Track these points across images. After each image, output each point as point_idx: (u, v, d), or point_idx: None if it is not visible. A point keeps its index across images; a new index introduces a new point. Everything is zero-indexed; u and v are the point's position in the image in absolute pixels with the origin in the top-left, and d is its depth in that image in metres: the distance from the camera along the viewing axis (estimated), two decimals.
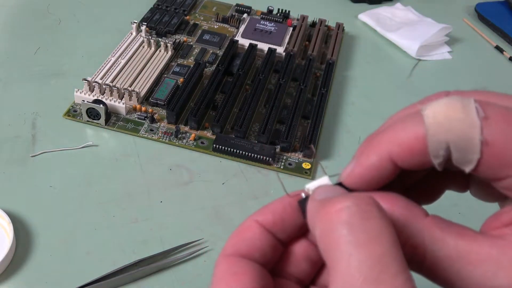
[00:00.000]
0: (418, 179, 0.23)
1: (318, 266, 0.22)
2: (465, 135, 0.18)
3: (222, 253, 0.21)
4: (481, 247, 0.19)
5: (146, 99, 0.56)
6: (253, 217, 0.22)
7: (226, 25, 0.69)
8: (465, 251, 0.19)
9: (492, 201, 0.22)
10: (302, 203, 0.21)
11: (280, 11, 0.71)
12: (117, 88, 0.53)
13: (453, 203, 0.49)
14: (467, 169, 0.19)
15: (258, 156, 0.50)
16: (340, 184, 0.21)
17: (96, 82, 0.54)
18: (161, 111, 0.55)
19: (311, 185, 0.21)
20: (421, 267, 0.19)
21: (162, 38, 0.63)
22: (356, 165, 0.21)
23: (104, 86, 0.54)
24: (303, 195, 0.21)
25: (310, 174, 0.50)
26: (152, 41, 0.61)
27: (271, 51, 0.62)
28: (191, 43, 0.65)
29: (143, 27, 0.62)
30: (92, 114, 0.52)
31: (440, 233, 0.19)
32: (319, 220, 0.19)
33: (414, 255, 0.19)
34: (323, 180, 0.21)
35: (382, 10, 0.76)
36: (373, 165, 0.20)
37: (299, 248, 0.22)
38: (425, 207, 0.22)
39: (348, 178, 0.21)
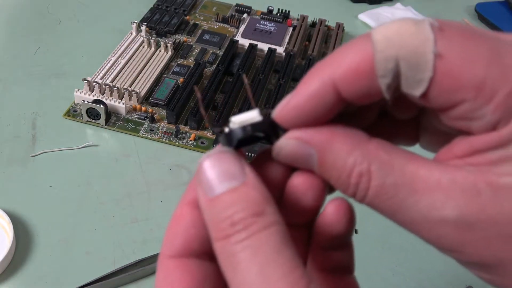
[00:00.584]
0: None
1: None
2: (417, 48, 0.17)
3: (160, 256, 0.19)
4: (431, 173, 0.17)
5: (146, 99, 0.56)
6: (183, 201, 0.20)
7: (226, 25, 0.69)
8: (413, 177, 0.17)
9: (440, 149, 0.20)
10: (224, 137, 0.19)
11: (280, 11, 0.71)
12: (117, 88, 0.53)
13: None
14: (418, 92, 0.17)
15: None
16: (271, 121, 0.19)
17: (96, 82, 0.54)
18: (161, 111, 0.55)
19: (237, 119, 0.19)
20: (365, 197, 0.18)
21: (162, 38, 0.63)
22: (293, 96, 0.19)
23: (104, 86, 0.54)
24: (226, 129, 0.19)
25: None
26: (152, 41, 0.61)
27: (271, 51, 0.62)
28: (191, 43, 0.65)
29: (143, 27, 0.62)
30: (92, 114, 0.52)
31: (386, 156, 0.18)
32: (209, 226, 0.18)
33: (359, 184, 0.18)
34: (251, 114, 0.19)
35: (382, 10, 0.76)
36: (313, 93, 0.18)
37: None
38: None
39: (281, 111, 0.19)
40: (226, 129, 0.19)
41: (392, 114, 0.21)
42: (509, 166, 0.17)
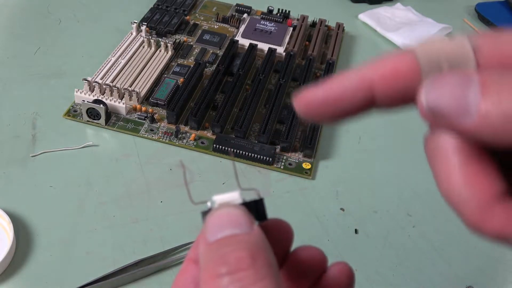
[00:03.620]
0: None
1: None
2: (455, 48, 0.17)
3: None
4: None
5: (146, 99, 0.56)
6: (187, 257, 0.21)
7: (226, 25, 0.69)
8: None
9: None
10: (205, 214, 0.19)
11: (280, 11, 0.71)
12: (117, 88, 0.53)
13: None
14: None
15: (258, 156, 0.50)
16: (251, 204, 0.19)
17: (96, 82, 0.54)
18: (161, 111, 0.55)
19: (218, 198, 0.19)
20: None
21: (162, 38, 0.63)
22: (322, 85, 0.18)
23: (104, 86, 0.54)
24: (208, 204, 0.20)
25: (310, 174, 0.50)
26: (152, 41, 0.61)
27: (271, 51, 0.62)
28: (191, 43, 0.65)
29: (143, 27, 0.62)
30: (92, 114, 0.52)
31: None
32: (202, 269, 0.18)
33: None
34: (232, 196, 0.19)
35: (382, 10, 0.76)
36: (348, 85, 0.18)
37: None
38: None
39: (307, 97, 0.18)
40: (208, 204, 0.19)
41: None
42: None
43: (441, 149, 0.17)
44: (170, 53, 0.61)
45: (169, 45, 0.61)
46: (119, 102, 0.53)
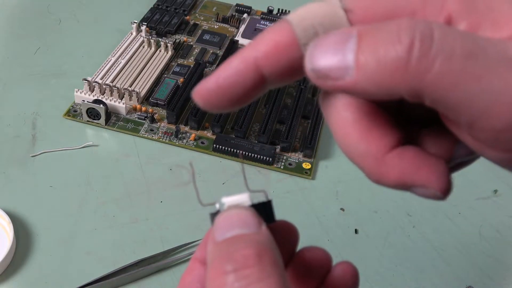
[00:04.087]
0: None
1: None
2: (327, 12, 0.17)
3: None
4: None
5: (146, 99, 0.56)
6: (194, 256, 0.21)
7: (226, 25, 0.69)
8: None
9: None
10: (214, 216, 0.20)
11: (280, 11, 0.71)
12: (117, 88, 0.53)
13: (453, 204, 0.49)
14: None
15: (258, 156, 0.50)
16: (261, 206, 0.20)
17: (96, 82, 0.54)
18: (161, 111, 0.55)
19: (227, 200, 0.20)
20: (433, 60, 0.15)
21: (162, 38, 0.63)
22: (212, 75, 0.18)
23: (104, 86, 0.54)
24: (217, 206, 0.20)
25: (310, 174, 0.50)
26: (152, 41, 0.61)
27: None
28: (191, 43, 0.65)
29: (143, 27, 0.62)
30: (92, 114, 0.52)
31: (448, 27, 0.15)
32: (208, 268, 0.18)
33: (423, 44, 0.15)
34: (241, 198, 0.20)
35: None
36: (234, 70, 0.18)
37: None
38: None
39: (201, 90, 0.19)
40: (216, 206, 0.20)
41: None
42: None
43: (334, 107, 0.18)
44: (170, 53, 0.61)
45: (169, 45, 0.61)
46: (119, 102, 0.53)
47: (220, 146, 0.51)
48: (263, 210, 0.20)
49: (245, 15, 0.69)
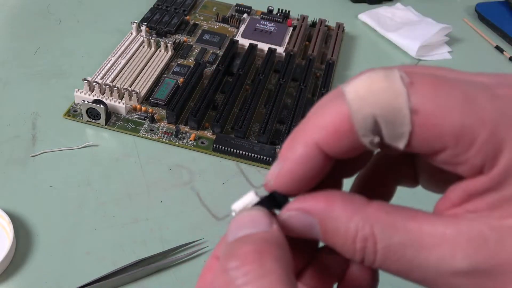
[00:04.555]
0: (366, 178, 0.22)
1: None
2: (391, 105, 0.17)
3: None
4: (435, 228, 0.17)
5: (146, 99, 0.56)
6: (212, 254, 0.21)
7: (226, 25, 0.69)
8: (418, 234, 0.17)
9: (442, 191, 0.20)
10: None
11: (280, 11, 0.71)
12: (117, 88, 0.53)
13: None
14: (401, 144, 0.17)
15: (258, 156, 0.50)
16: (268, 197, 0.20)
17: (96, 82, 0.54)
18: (161, 111, 0.55)
19: (236, 206, 0.20)
20: (374, 260, 0.18)
21: (162, 38, 0.63)
22: (282, 163, 0.19)
23: (104, 86, 0.54)
24: (233, 214, 0.20)
25: None
26: (152, 41, 0.61)
27: (271, 51, 0.62)
28: (191, 43, 0.65)
29: (143, 27, 0.62)
30: (92, 114, 0.52)
31: (387, 217, 0.18)
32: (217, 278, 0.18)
33: (366, 248, 0.18)
34: (248, 197, 0.20)
35: (382, 10, 0.76)
36: (301, 157, 0.18)
37: None
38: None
39: (277, 180, 0.19)
40: (233, 214, 0.20)
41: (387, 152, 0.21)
42: (508, 207, 0.17)
43: None
44: (170, 53, 0.61)
45: (169, 45, 0.61)
46: (119, 102, 0.53)
47: (220, 146, 0.51)
48: (273, 198, 0.20)
49: (245, 15, 0.69)
